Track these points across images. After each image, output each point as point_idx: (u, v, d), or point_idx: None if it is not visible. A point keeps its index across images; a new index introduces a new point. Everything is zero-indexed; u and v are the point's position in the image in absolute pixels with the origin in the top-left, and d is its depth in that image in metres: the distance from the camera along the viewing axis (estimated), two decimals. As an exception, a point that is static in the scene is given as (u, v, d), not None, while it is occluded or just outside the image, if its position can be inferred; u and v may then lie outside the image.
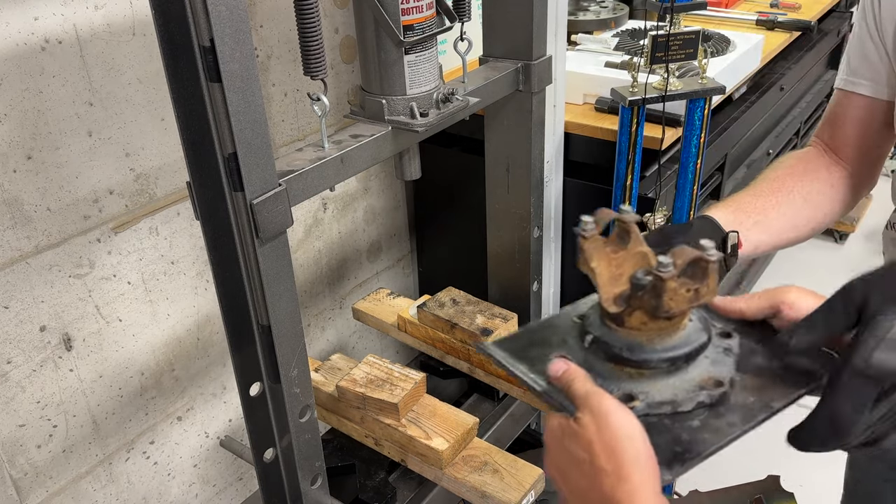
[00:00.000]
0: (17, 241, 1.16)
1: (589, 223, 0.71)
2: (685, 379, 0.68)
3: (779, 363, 0.71)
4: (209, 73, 0.76)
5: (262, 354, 0.95)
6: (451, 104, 1.08)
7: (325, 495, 1.09)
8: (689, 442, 0.65)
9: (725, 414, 0.67)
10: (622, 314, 0.68)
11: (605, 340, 0.70)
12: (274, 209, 0.85)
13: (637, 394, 0.67)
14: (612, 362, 0.70)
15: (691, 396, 0.67)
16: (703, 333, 0.70)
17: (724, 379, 0.68)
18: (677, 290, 0.64)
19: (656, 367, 0.68)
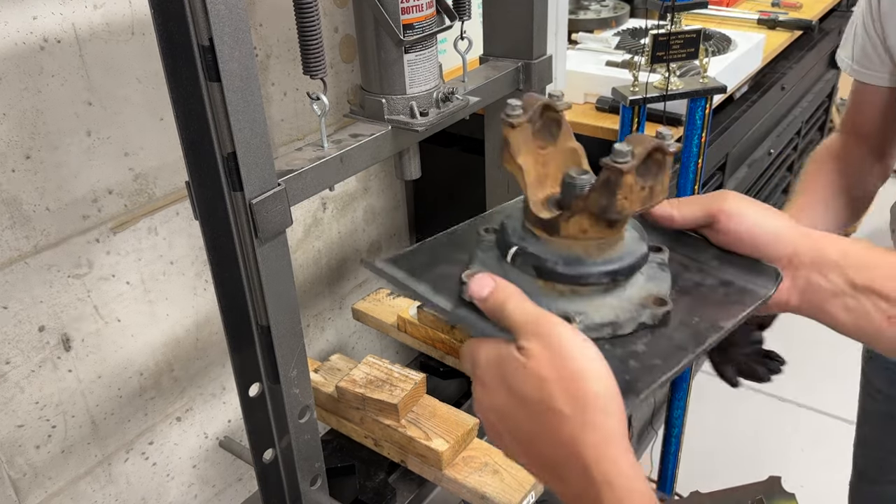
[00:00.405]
0: (15, 241, 1.16)
1: (515, 108, 0.60)
2: (623, 297, 0.59)
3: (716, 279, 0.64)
4: (208, 72, 0.76)
5: (261, 355, 0.95)
6: (451, 103, 1.07)
7: (324, 496, 1.09)
8: (639, 370, 0.55)
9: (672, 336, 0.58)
10: (558, 220, 0.57)
11: (532, 253, 0.58)
12: (273, 209, 0.85)
13: (573, 315, 0.56)
14: (542, 279, 0.58)
15: (633, 317, 0.58)
16: (643, 243, 0.60)
17: (665, 296, 0.60)
18: (633, 186, 0.54)
19: (594, 284, 0.57)
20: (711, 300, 0.63)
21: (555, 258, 0.57)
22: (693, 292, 0.63)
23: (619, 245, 0.59)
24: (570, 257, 0.57)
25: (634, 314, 0.58)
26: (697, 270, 0.65)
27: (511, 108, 0.60)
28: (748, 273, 0.64)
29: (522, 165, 0.59)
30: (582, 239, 0.57)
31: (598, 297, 0.58)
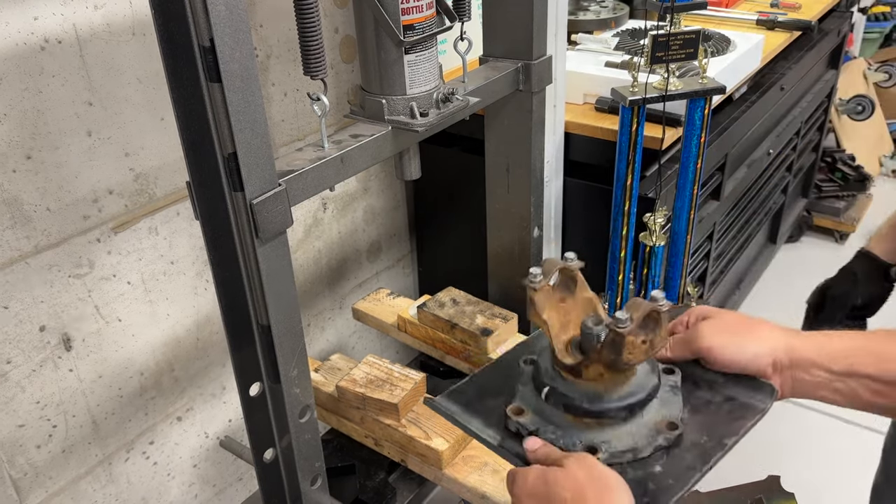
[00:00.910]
0: (16, 241, 1.16)
1: (538, 275, 0.73)
2: (641, 424, 0.70)
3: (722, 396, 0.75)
4: (209, 72, 0.76)
5: (261, 354, 0.95)
6: (451, 104, 1.07)
7: (325, 495, 1.09)
8: (656, 491, 0.66)
9: (683, 456, 0.69)
10: (580, 366, 0.69)
11: (562, 392, 0.70)
12: (274, 209, 0.85)
13: (599, 444, 0.68)
14: (571, 414, 0.70)
15: (649, 441, 0.69)
16: (654, 376, 0.72)
17: (676, 420, 0.71)
18: (635, 342, 0.66)
19: (615, 416, 0.69)
20: (718, 417, 0.73)
21: (580, 397, 0.69)
22: (703, 410, 0.74)
23: (633, 380, 0.70)
24: (592, 395, 0.69)
25: (651, 439, 0.69)
26: (707, 387, 0.76)
27: (533, 275, 0.72)
28: (748, 389, 0.75)
29: (547, 320, 0.72)
30: (601, 381, 0.69)
31: (619, 426, 0.69)
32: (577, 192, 1.69)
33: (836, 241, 3.23)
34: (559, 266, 0.73)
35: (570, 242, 1.76)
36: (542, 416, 0.71)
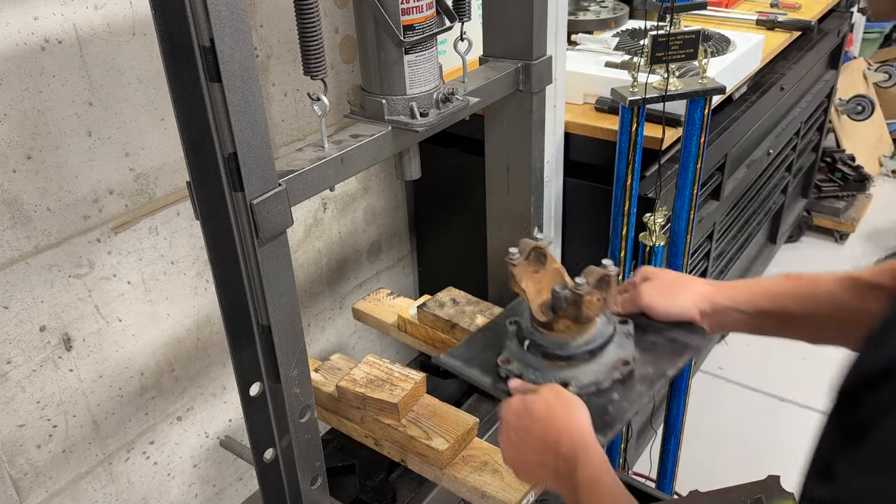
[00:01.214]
0: (16, 241, 1.16)
1: (515, 254, 0.92)
2: (601, 363, 0.90)
3: (664, 337, 0.95)
4: (209, 72, 0.76)
5: (262, 354, 0.95)
6: (451, 104, 1.08)
7: (324, 495, 1.09)
8: (613, 412, 0.86)
9: (634, 385, 0.89)
10: (551, 322, 0.88)
11: (539, 343, 0.90)
12: (274, 209, 0.85)
13: (569, 380, 0.88)
14: (547, 359, 0.90)
15: (608, 376, 0.89)
16: (610, 326, 0.92)
17: (629, 358, 0.91)
18: (591, 300, 0.85)
19: (580, 358, 0.89)
20: (662, 354, 0.93)
21: (553, 346, 0.89)
22: (650, 349, 0.94)
23: (593, 330, 0.90)
24: (562, 343, 0.89)
25: (609, 374, 0.89)
26: (653, 332, 0.96)
27: (512, 254, 0.92)
28: (685, 332, 0.95)
29: (525, 289, 0.91)
30: (568, 332, 0.89)
31: (584, 365, 0.89)
32: (577, 192, 1.69)
33: (835, 242, 3.23)
34: (532, 245, 0.92)
35: (570, 242, 1.76)
36: (525, 363, 0.91)
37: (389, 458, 1.23)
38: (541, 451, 0.79)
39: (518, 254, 0.92)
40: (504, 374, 0.92)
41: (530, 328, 0.92)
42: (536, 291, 0.91)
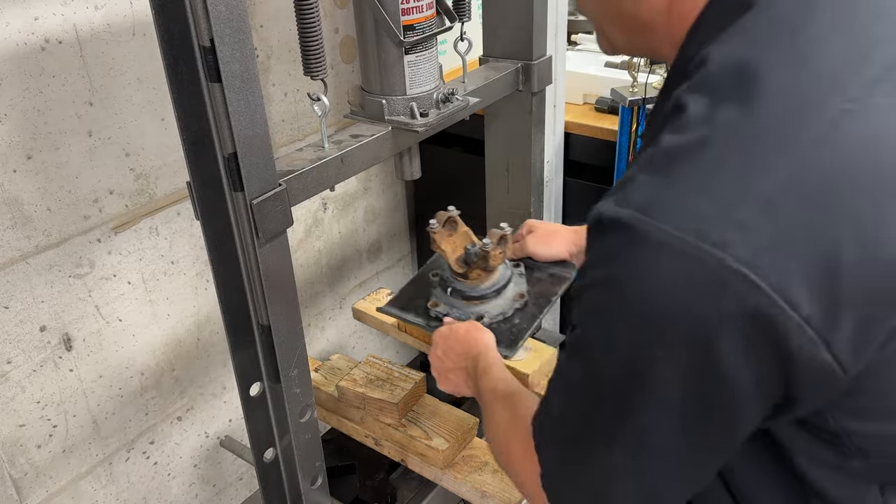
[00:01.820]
0: (17, 241, 1.16)
1: (435, 224, 1.16)
2: (505, 298, 1.15)
3: (547, 273, 1.21)
4: (209, 73, 0.76)
5: (262, 354, 0.95)
6: (451, 104, 1.08)
7: (324, 495, 1.09)
8: (517, 332, 1.11)
9: (530, 311, 1.15)
10: (466, 273, 1.14)
11: (458, 289, 1.15)
12: (274, 209, 0.85)
13: (483, 313, 1.13)
14: (465, 299, 1.15)
15: (510, 307, 1.14)
16: (508, 271, 1.18)
17: (524, 292, 1.17)
18: (494, 254, 1.10)
19: (489, 296, 1.15)
20: (547, 286, 1.20)
21: (469, 289, 1.15)
22: (537, 283, 1.20)
23: (496, 275, 1.16)
24: (476, 287, 1.15)
25: (511, 306, 1.15)
26: (538, 270, 1.23)
27: (432, 225, 1.16)
28: (562, 267, 1.22)
29: (444, 249, 1.16)
30: (479, 279, 1.15)
31: (492, 301, 1.15)
32: (577, 192, 1.69)
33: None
34: (447, 215, 1.17)
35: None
36: (449, 305, 1.15)
37: (389, 458, 1.23)
38: (458, 359, 1.01)
39: (436, 223, 1.16)
40: (434, 314, 1.15)
41: (451, 278, 1.17)
42: (452, 250, 1.15)
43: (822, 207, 0.48)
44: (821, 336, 0.49)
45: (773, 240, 0.48)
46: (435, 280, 1.19)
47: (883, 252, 0.49)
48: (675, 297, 0.50)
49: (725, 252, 0.48)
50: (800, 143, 0.49)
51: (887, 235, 0.49)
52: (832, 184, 0.49)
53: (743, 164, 0.49)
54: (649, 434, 0.55)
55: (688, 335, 0.50)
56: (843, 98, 0.50)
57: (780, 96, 0.50)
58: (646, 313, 0.51)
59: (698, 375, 0.52)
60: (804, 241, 0.48)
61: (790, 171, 0.49)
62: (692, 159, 0.51)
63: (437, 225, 1.15)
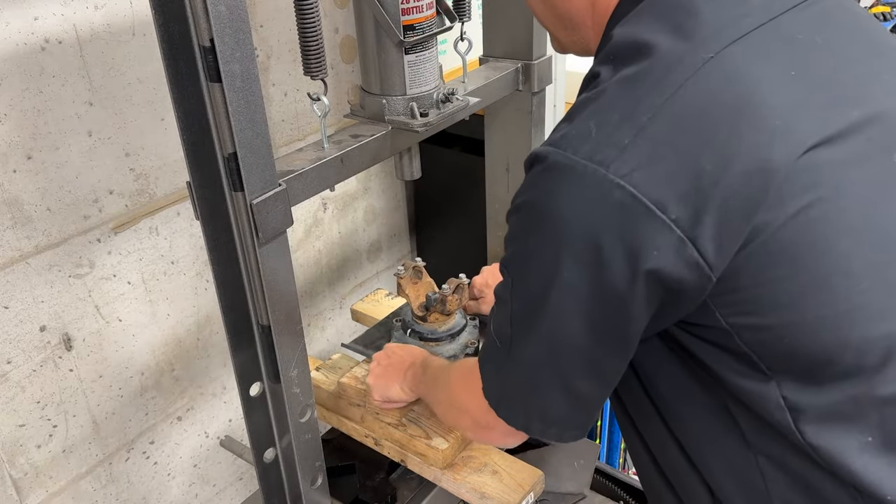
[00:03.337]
0: (17, 241, 1.16)
1: (401, 270, 1.30)
2: (458, 343, 1.28)
3: None
4: (209, 73, 0.76)
5: (262, 354, 0.95)
6: (451, 104, 1.08)
7: (324, 495, 1.09)
8: None
9: None
10: (426, 316, 1.27)
11: (417, 330, 1.28)
12: (274, 209, 0.85)
13: (437, 354, 1.21)
14: (422, 340, 1.27)
15: (462, 351, 1.26)
16: (463, 319, 1.31)
17: (475, 340, 1.29)
18: (452, 300, 1.24)
19: (444, 339, 1.27)
20: None
21: (426, 332, 1.28)
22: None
23: (453, 321, 1.29)
24: (432, 330, 1.28)
25: (462, 350, 1.27)
26: None
27: (399, 271, 1.30)
28: None
29: (409, 294, 1.29)
30: (436, 322, 1.28)
31: (447, 345, 1.27)
32: (577, 192, 1.69)
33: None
34: (413, 265, 1.30)
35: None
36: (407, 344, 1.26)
37: (389, 458, 1.23)
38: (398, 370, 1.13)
39: (403, 270, 1.30)
40: None
41: (411, 321, 1.29)
42: (416, 296, 1.28)
43: (686, 131, 0.60)
44: (687, 235, 0.59)
45: (647, 157, 0.60)
46: (397, 324, 1.32)
47: (736, 164, 0.59)
48: (572, 206, 0.62)
49: (608, 169, 0.60)
50: (669, 84, 0.61)
51: (739, 150, 0.59)
52: (695, 112, 0.61)
53: (625, 103, 0.62)
54: (559, 327, 0.67)
55: (583, 237, 0.62)
56: (708, 50, 0.62)
57: (660, 56, 0.63)
58: (552, 221, 0.63)
59: (593, 273, 0.62)
60: (672, 158, 0.60)
61: (661, 105, 0.61)
62: (591, 104, 0.64)
63: (404, 271, 1.29)
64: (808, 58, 0.66)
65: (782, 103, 0.61)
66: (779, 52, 0.65)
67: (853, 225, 0.62)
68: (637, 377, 0.76)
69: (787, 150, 0.60)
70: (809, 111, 0.62)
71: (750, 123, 0.60)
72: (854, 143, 0.63)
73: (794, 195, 0.60)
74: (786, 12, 0.67)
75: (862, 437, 0.65)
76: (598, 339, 0.67)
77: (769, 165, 0.59)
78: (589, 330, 0.66)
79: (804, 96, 0.63)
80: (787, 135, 0.60)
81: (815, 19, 0.69)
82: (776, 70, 0.64)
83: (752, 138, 0.60)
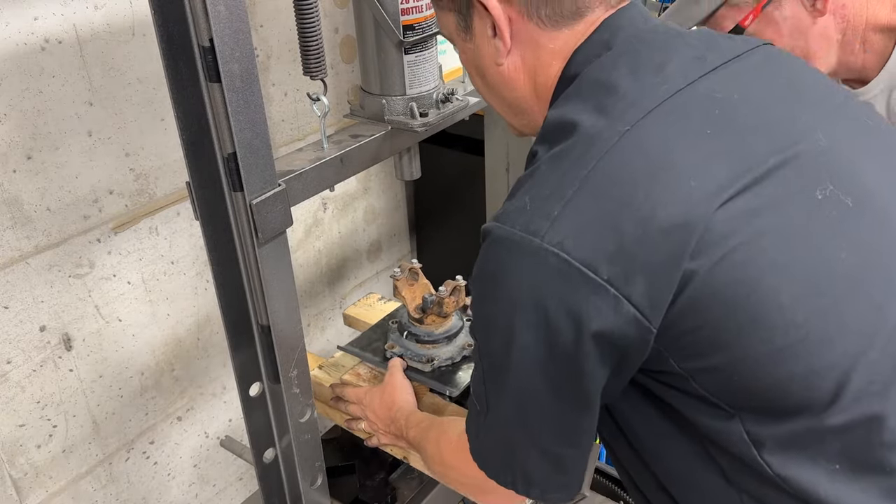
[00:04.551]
0: (17, 241, 1.16)
1: (398, 271, 1.28)
2: (455, 345, 1.25)
3: None
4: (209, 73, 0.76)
5: (261, 355, 0.95)
6: (450, 104, 1.07)
7: (324, 495, 1.09)
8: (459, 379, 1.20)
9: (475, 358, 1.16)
10: (423, 318, 1.25)
11: (414, 333, 1.25)
12: (273, 209, 0.85)
13: (433, 357, 1.22)
14: (419, 343, 1.24)
15: (459, 354, 1.24)
16: (460, 321, 1.28)
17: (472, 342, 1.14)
18: (449, 302, 1.22)
19: (441, 341, 1.24)
20: None
21: (423, 334, 1.24)
22: None
23: (450, 323, 1.26)
24: (429, 332, 1.24)
25: (459, 352, 1.24)
26: None
27: (395, 273, 1.27)
28: None
29: (405, 296, 1.26)
30: (433, 324, 1.25)
31: (443, 347, 1.24)
32: (577, 192, 1.69)
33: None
34: (409, 266, 1.29)
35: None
36: (403, 347, 1.25)
37: (389, 459, 1.23)
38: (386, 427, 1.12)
39: (400, 272, 1.28)
40: (389, 355, 1.24)
41: (408, 323, 1.27)
42: (412, 298, 1.27)
43: (607, 198, 0.65)
44: (621, 292, 0.63)
45: (574, 225, 0.64)
46: (393, 326, 1.31)
47: (654, 223, 0.63)
48: (517, 274, 0.66)
49: (542, 238, 0.64)
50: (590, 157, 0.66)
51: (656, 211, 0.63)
52: (613, 181, 0.65)
53: (554, 177, 0.67)
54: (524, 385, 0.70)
55: (530, 303, 0.66)
56: (624, 123, 0.67)
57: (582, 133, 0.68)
58: (503, 289, 0.68)
59: (544, 335, 0.66)
60: (596, 224, 0.64)
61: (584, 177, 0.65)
62: (527, 182, 0.70)
63: (400, 273, 1.29)
64: (724, 114, 0.70)
65: (695, 162, 0.66)
66: (694, 113, 0.69)
67: (777, 261, 0.65)
68: (616, 424, 0.79)
69: (703, 205, 0.63)
70: (725, 165, 0.66)
71: (664, 185, 0.64)
72: (771, 187, 0.66)
73: (715, 244, 0.63)
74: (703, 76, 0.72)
75: (829, 465, 0.67)
76: (558, 396, 0.70)
77: (687, 220, 0.63)
78: (549, 388, 0.69)
79: (719, 151, 0.67)
80: (702, 191, 0.64)
81: (732, 76, 0.74)
82: (690, 131, 0.68)
83: (667, 197, 0.64)
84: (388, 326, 1.33)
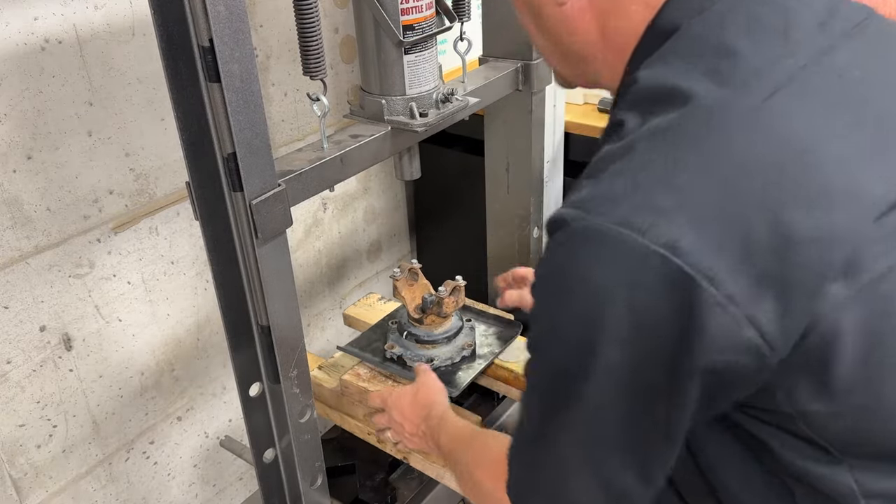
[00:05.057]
0: (16, 241, 1.16)
1: (398, 272, 1.29)
2: (454, 346, 1.26)
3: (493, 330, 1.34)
4: (208, 73, 0.76)
5: (261, 355, 0.95)
6: (450, 104, 1.07)
7: (324, 495, 1.09)
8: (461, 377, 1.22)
9: (476, 360, 1.26)
10: (422, 318, 1.26)
11: (414, 333, 1.27)
12: (273, 209, 0.85)
13: (433, 357, 1.24)
14: (419, 343, 1.26)
15: (459, 354, 1.25)
16: (459, 322, 1.29)
17: (472, 343, 1.28)
18: (448, 302, 1.23)
19: (440, 342, 1.26)
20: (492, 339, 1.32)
21: (423, 334, 1.26)
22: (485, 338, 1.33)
23: (449, 324, 1.27)
24: (429, 333, 1.26)
25: (459, 353, 1.26)
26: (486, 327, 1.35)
27: (395, 273, 1.28)
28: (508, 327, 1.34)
29: (405, 297, 1.27)
30: (433, 325, 1.26)
31: (442, 347, 1.26)
32: (577, 192, 1.68)
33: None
34: (409, 266, 1.30)
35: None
36: (403, 347, 1.26)
37: (390, 459, 1.23)
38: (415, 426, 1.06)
39: (399, 272, 1.29)
40: (389, 356, 1.26)
41: (407, 323, 1.28)
42: (412, 298, 1.27)
43: (735, 193, 0.52)
44: (745, 312, 0.51)
45: (689, 222, 0.51)
46: (393, 326, 1.32)
47: (792, 230, 0.51)
48: (607, 277, 0.53)
49: (645, 236, 0.51)
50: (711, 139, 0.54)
51: (794, 215, 0.51)
52: (743, 172, 0.52)
53: (659, 159, 0.54)
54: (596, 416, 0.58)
55: (621, 315, 0.53)
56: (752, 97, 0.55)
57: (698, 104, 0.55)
58: (584, 295, 0.54)
59: (633, 355, 0.54)
60: (719, 223, 0.51)
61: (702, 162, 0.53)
62: (619, 160, 0.56)
63: (400, 273, 1.29)
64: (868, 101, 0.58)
65: (844, 161, 0.54)
66: (834, 97, 0.57)
67: None
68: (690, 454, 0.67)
69: (855, 217, 0.52)
70: (877, 169, 0.54)
71: (808, 184, 0.52)
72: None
73: (865, 266, 0.52)
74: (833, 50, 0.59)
75: None
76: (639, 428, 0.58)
77: (834, 233, 0.52)
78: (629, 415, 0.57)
79: (868, 150, 0.55)
80: (854, 199, 0.53)
81: (864, 51, 0.61)
82: (831, 119, 0.55)
83: (812, 201, 0.52)
84: (387, 327, 1.33)
